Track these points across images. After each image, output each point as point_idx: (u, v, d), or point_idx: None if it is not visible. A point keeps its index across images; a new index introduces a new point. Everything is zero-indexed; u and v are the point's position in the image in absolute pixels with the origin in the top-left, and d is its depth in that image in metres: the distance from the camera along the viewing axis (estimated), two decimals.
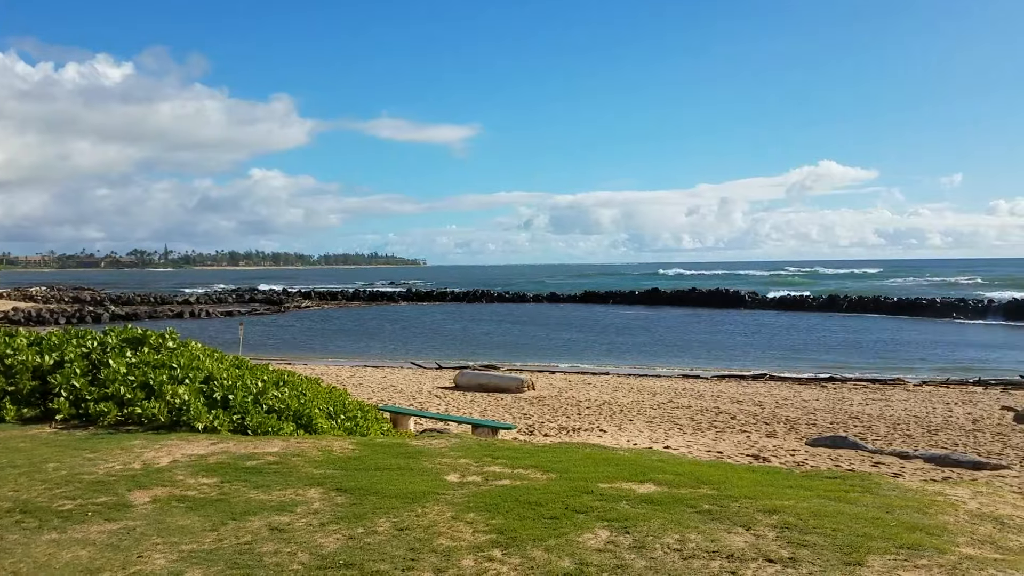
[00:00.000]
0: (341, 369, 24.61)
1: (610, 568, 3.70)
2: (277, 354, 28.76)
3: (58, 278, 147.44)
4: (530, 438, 12.74)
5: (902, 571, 3.59)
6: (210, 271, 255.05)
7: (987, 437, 13.27)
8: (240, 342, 25.16)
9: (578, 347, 33.47)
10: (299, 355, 29.80)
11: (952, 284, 79.97)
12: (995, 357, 28.60)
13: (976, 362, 27.11)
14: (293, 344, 35.39)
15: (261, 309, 58.97)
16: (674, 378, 23.43)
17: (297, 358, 28.09)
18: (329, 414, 8.24)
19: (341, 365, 26.41)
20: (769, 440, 13.09)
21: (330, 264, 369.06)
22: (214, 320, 50.11)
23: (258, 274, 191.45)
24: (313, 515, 4.63)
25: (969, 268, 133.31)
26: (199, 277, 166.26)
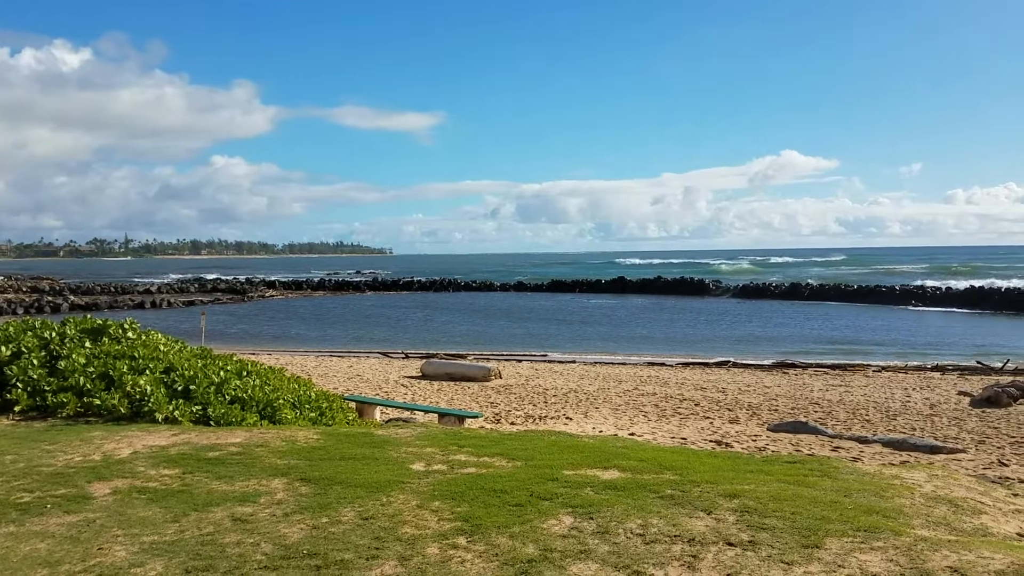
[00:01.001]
0: (306, 359, 24.43)
1: (574, 554, 3.74)
2: (241, 344, 28.44)
3: (16, 267, 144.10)
4: (496, 426, 12.77)
5: (859, 553, 3.67)
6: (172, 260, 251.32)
7: (944, 422, 13.58)
8: (202, 332, 24.83)
9: (545, 335, 33.57)
10: (263, 345, 29.51)
11: (911, 272, 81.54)
12: (952, 343, 29.25)
13: (933, 348, 27.71)
14: (257, 334, 35.01)
15: (224, 298, 58.23)
16: (639, 366, 23.62)
17: (261, 348, 27.81)
18: (293, 404, 8.19)
19: (306, 355, 26.21)
20: (732, 426, 13.27)
21: (295, 253, 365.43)
22: (176, 310, 49.39)
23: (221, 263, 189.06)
24: (277, 505, 4.61)
25: (927, 256, 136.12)
26: (160, 266, 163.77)
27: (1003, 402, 14.88)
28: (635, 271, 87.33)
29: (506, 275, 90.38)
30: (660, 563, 3.63)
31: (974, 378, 19.81)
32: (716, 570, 3.54)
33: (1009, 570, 3.42)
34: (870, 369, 22.26)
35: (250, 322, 41.01)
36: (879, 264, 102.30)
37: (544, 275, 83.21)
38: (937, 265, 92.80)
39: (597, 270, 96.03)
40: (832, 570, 3.48)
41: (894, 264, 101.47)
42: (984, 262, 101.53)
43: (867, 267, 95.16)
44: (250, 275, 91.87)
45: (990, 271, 77.70)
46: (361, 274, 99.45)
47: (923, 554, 3.64)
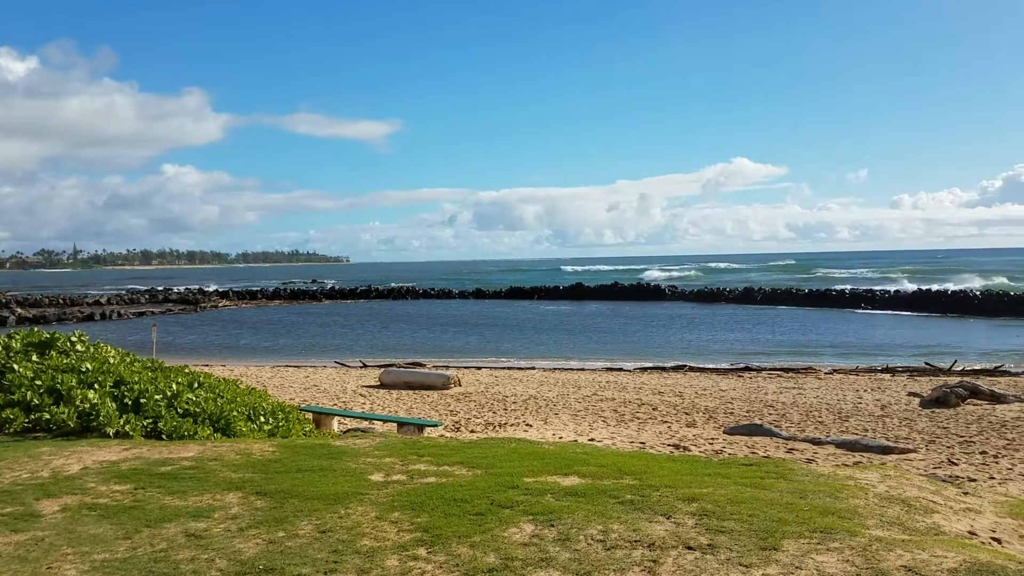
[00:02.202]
0: (261, 370, 24.06)
1: (535, 562, 3.72)
2: (193, 356, 27.91)
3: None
4: (456, 435, 12.71)
5: (815, 554, 3.72)
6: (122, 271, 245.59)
7: (895, 422, 13.88)
8: (153, 344, 24.32)
9: (504, 342, 33.57)
10: (217, 356, 28.99)
11: (860, 276, 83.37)
12: (901, 345, 29.95)
13: (883, 350, 28.34)
14: (210, 345, 34.39)
15: (176, 309, 57.13)
16: (598, 371, 23.74)
17: (215, 359, 27.32)
18: (248, 416, 8.05)
19: (261, 366, 25.81)
20: (689, 430, 13.40)
21: (249, 262, 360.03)
22: (126, 321, 48.28)
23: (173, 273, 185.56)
24: (231, 520, 4.52)
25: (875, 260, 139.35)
26: (110, 277, 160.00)
27: (952, 402, 15.26)
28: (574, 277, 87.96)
29: (464, 282, 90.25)
30: (621, 569, 3.64)
31: (923, 379, 20.29)
32: (676, 574, 3.55)
33: (961, 568, 3.49)
34: (822, 371, 22.68)
35: (203, 333, 40.27)
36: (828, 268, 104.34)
37: (502, 282, 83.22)
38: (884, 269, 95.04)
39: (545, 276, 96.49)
40: (790, 571, 3.52)
41: (843, 268, 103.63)
42: (930, 266, 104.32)
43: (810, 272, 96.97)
44: (203, 285, 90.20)
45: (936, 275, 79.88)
46: (317, 283, 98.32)
47: (878, 554, 3.70)
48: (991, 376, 20.54)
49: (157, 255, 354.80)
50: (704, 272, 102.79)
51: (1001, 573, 3.41)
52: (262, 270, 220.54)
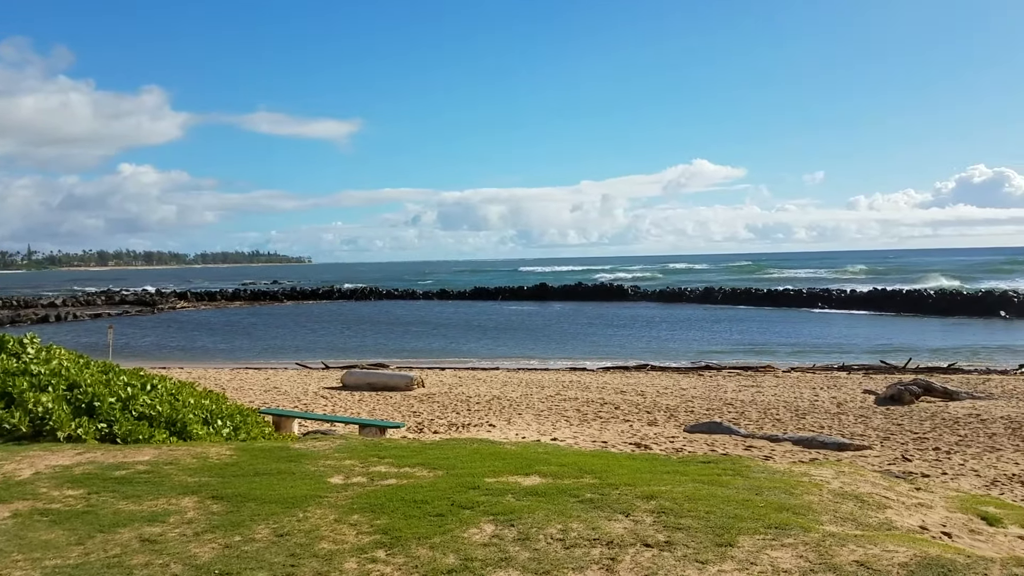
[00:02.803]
0: (220, 372, 23.72)
1: (494, 562, 3.73)
2: (150, 358, 27.43)
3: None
4: (419, 436, 12.67)
5: (770, 550, 3.78)
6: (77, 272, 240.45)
7: (851, 419, 14.14)
8: (110, 346, 23.87)
9: (468, 343, 33.55)
10: (174, 359, 28.54)
11: (817, 276, 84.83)
12: (856, 344, 30.53)
13: (839, 349, 28.87)
14: (168, 347, 33.85)
15: (133, 311, 56.07)
16: (562, 371, 23.83)
17: (172, 362, 26.89)
18: (205, 419, 7.93)
19: (220, 368, 25.45)
20: (651, 428, 13.51)
21: (208, 263, 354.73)
22: (82, 323, 47.28)
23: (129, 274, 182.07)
24: (187, 525, 4.45)
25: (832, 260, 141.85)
26: (65, 278, 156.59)
27: (906, 400, 15.59)
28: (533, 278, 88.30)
29: (429, 283, 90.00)
30: (579, 567, 3.65)
31: (878, 377, 20.70)
32: (633, 572, 3.58)
33: (912, 562, 3.57)
34: (780, 370, 23.03)
35: (160, 335, 39.60)
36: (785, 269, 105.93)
37: (467, 282, 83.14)
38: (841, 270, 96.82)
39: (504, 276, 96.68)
40: (745, 568, 3.57)
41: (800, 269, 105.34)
42: (885, 266, 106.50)
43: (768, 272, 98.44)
44: (160, 286, 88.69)
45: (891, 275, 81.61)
46: (279, 283, 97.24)
47: (831, 549, 3.77)
48: (944, 374, 21.03)
49: (113, 256, 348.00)
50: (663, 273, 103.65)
51: (950, 567, 3.50)
52: (221, 271, 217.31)
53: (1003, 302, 42.68)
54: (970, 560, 3.60)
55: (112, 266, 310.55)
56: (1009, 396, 16.31)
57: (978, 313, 41.80)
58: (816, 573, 3.48)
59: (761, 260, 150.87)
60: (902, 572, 3.45)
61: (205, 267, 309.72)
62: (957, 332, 34.44)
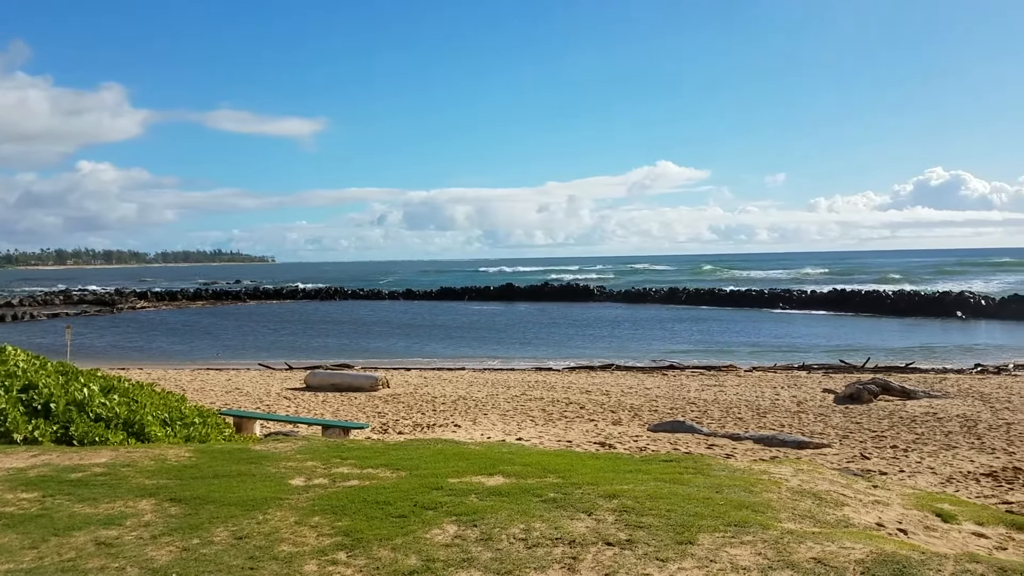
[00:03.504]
0: (181, 373, 23.36)
1: (456, 562, 3.72)
2: (109, 359, 26.91)
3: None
4: (384, 437, 12.60)
5: (729, 548, 3.82)
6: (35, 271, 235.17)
7: (810, 418, 14.35)
8: (68, 347, 23.39)
9: (434, 343, 33.45)
10: (134, 360, 28.05)
11: (778, 277, 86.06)
12: (816, 343, 31.00)
13: (800, 349, 29.29)
14: (128, 348, 33.25)
15: (92, 311, 54.97)
16: (528, 371, 23.87)
17: (132, 363, 26.42)
18: (164, 421, 7.81)
19: (181, 369, 25.07)
20: (615, 427, 13.59)
21: (169, 262, 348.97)
22: (39, 323, 46.23)
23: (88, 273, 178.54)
24: (144, 528, 4.38)
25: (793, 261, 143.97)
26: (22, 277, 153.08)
27: (864, 399, 15.87)
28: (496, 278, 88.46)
29: (394, 283, 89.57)
30: (541, 567, 3.66)
31: (838, 376, 21.04)
32: (595, 570, 3.60)
33: (868, 559, 3.63)
34: (742, 369, 23.30)
35: (120, 335, 38.89)
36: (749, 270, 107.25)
37: (433, 282, 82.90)
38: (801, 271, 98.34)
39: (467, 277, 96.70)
40: (704, 565, 3.60)
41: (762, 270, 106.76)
42: (845, 267, 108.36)
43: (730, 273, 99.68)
44: (120, 286, 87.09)
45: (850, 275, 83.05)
46: (241, 283, 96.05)
47: (789, 546, 3.82)
48: (902, 373, 21.45)
49: (72, 255, 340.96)
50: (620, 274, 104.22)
51: (905, 563, 3.56)
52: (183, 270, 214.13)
53: (960, 303, 43.64)
54: (925, 557, 3.67)
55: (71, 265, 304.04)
56: (965, 395, 16.68)
57: (935, 313, 42.68)
58: (774, 570, 3.52)
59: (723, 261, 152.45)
60: (858, 569, 3.51)
61: (166, 266, 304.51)
62: (915, 332, 35.15)
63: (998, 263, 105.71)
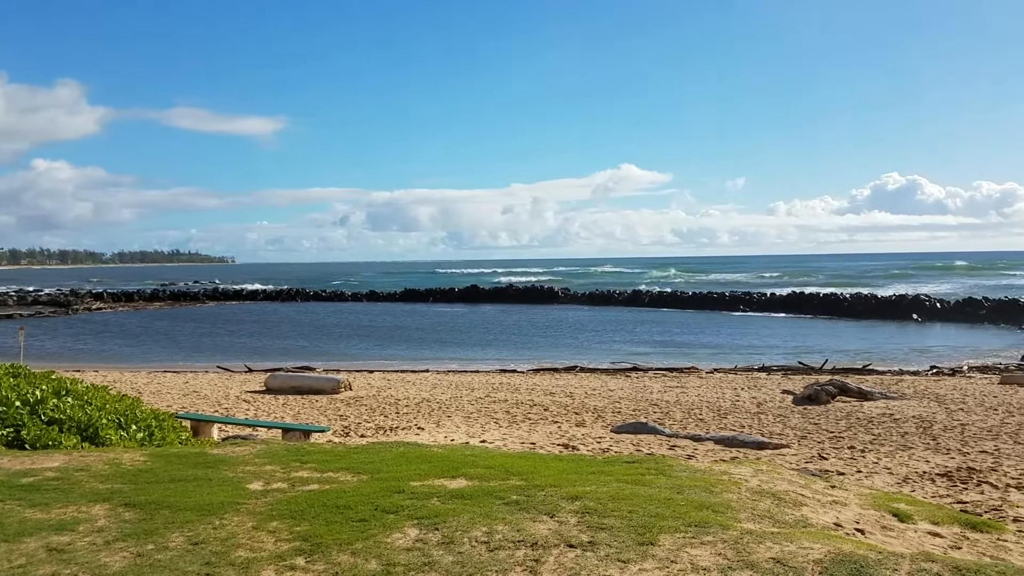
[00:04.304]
0: (137, 375, 22.92)
1: (417, 567, 3.68)
2: (64, 361, 26.33)
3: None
4: (345, 440, 12.48)
5: (690, 548, 3.84)
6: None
7: (770, 419, 14.53)
8: (21, 348, 22.82)
9: (398, 345, 33.28)
10: (89, 362, 27.46)
11: (739, 280, 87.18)
12: (776, 345, 31.45)
13: (760, 350, 29.69)
14: (83, 350, 32.56)
15: (46, 312, 53.76)
16: (492, 373, 23.84)
17: (87, 365, 25.86)
18: (119, 424, 7.64)
19: (137, 371, 24.60)
20: (579, 429, 13.62)
21: (126, 262, 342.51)
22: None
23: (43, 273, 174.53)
24: (97, 533, 4.27)
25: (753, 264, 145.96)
26: None
27: (822, 400, 16.12)
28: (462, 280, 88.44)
29: (357, 284, 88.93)
30: (503, 570, 3.64)
31: (796, 377, 21.35)
32: (557, 572, 3.59)
33: (827, 559, 3.67)
34: (704, 371, 23.54)
35: (75, 337, 38.07)
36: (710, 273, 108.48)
37: (396, 284, 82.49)
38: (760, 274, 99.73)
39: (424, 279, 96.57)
40: (665, 566, 3.62)
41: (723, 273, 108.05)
42: (803, 270, 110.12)
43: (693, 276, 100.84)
44: (75, 286, 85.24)
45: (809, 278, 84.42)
46: (200, 284, 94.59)
47: (749, 547, 3.85)
48: (859, 374, 21.84)
49: (26, 254, 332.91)
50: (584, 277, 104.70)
51: (863, 563, 3.61)
52: (140, 270, 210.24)
53: (915, 306, 44.57)
54: (882, 556, 3.72)
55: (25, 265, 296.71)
56: (921, 396, 17.03)
57: (892, 316, 43.56)
58: (734, 570, 3.54)
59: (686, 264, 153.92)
60: (817, 568, 3.55)
61: (123, 266, 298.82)
62: (872, 334, 35.82)
63: (953, 267, 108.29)
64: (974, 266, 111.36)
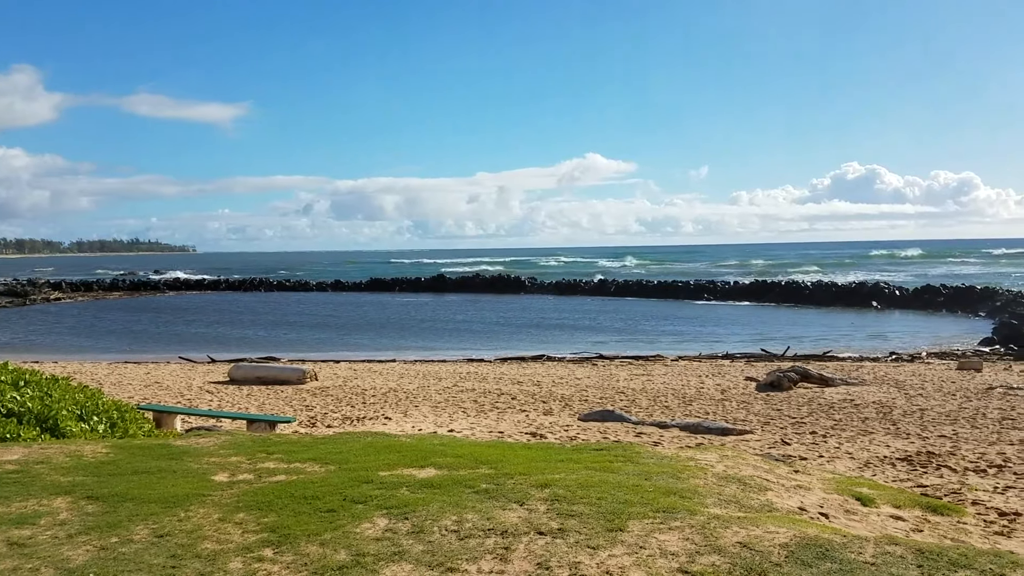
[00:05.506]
0: (97, 366, 22.51)
1: (387, 556, 3.67)
2: (21, 352, 25.73)
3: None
4: (312, 430, 12.38)
5: (658, 533, 3.88)
6: None
7: (734, 405, 14.71)
8: None
9: (364, 335, 33.08)
10: (48, 352, 26.89)
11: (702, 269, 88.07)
12: (739, 333, 31.82)
13: (724, 338, 30.02)
14: (41, 340, 31.85)
15: (2, 302, 52.44)
16: (459, 362, 23.81)
17: (46, 355, 25.33)
18: (80, 416, 7.50)
19: (97, 362, 24.15)
20: (546, 417, 13.67)
21: (84, 252, 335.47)
22: None
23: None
24: (59, 527, 4.20)
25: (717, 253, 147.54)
26: None
27: (784, 386, 16.35)
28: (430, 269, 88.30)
29: (322, 273, 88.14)
30: (473, 558, 3.65)
31: (759, 364, 21.64)
32: (527, 560, 3.60)
33: (792, 543, 3.73)
34: (669, 359, 23.75)
35: (32, 327, 37.23)
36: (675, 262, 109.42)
37: (363, 273, 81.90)
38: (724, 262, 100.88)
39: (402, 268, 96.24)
40: (634, 552, 3.65)
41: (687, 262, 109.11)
42: (765, 259, 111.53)
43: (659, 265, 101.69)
44: (33, 276, 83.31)
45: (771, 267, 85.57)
46: (160, 273, 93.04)
47: (715, 531, 3.90)
48: (820, 361, 22.19)
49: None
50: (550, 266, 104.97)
51: (827, 546, 3.67)
52: (99, 260, 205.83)
53: (875, 293, 45.35)
54: (846, 539, 3.79)
55: None
56: (880, 382, 17.36)
57: (852, 304, 44.27)
58: (701, 555, 3.59)
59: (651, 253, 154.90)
60: (783, 552, 3.60)
61: (81, 256, 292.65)
62: (833, 322, 36.40)
63: (911, 256, 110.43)
64: (931, 254, 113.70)
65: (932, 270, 76.42)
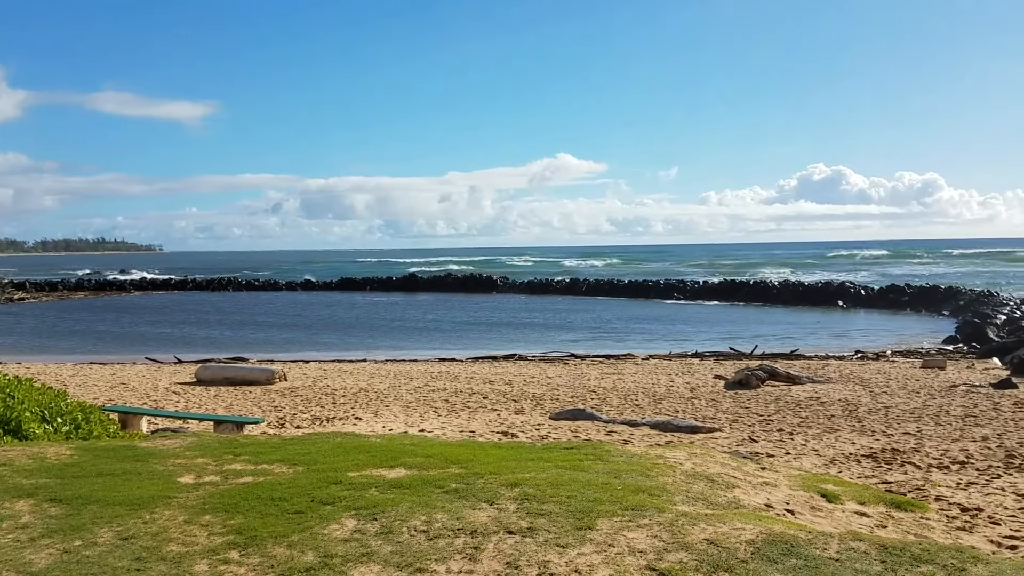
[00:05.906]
0: (62, 367, 22.12)
1: (355, 557, 3.66)
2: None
3: None
4: (280, 431, 12.27)
5: (627, 532, 3.90)
6: None
7: (703, 403, 14.84)
8: None
9: (334, 335, 32.87)
10: (11, 353, 26.35)
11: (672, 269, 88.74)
12: (708, 332, 32.11)
13: (693, 337, 30.27)
14: (3, 341, 31.21)
15: None
16: (430, 361, 23.75)
17: (8, 357, 24.83)
18: (43, 417, 7.37)
19: (62, 363, 23.73)
20: (518, 416, 13.68)
21: (49, 251, 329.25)
22: None
23: None
24: (22, 530, 4.12)
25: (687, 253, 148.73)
26: None
27: (752, 384, 16.53)
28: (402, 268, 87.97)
29: (292, 273, 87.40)
30: (442, 558, 3.64)
31: (728, 363, 21.85)
32: (496, 559, 3.61)
33: (758, 539, 3.77)
34: (639, 357, 23.90)
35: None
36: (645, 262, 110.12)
37: (333, 272, 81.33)
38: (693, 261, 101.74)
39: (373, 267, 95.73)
40: (603, 550, 3.67)
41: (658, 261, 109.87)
42: (733, 259, 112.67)
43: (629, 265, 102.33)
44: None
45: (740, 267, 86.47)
46: (127, 273, 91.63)
47: (683, 528, 3.93)
48: (787, 359, 22.46)
49: None
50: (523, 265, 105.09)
51: (793, 543, 3.72)
52: (64, 259, 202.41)
53: (841, 292, 46.01)
54: (811, 536, 3.84)
55: None
56: (846, 380, 17.61)
57: (818, 303, 44.87)
58: (669, 552, 3.62)
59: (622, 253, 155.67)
60: (749, 549, 3.64)
61: (46, 255, 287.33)
62: (799, 320, 36.86)
63: (875, 256, 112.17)
64: (895, 254, 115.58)
65: (896, 270, 77.73)
